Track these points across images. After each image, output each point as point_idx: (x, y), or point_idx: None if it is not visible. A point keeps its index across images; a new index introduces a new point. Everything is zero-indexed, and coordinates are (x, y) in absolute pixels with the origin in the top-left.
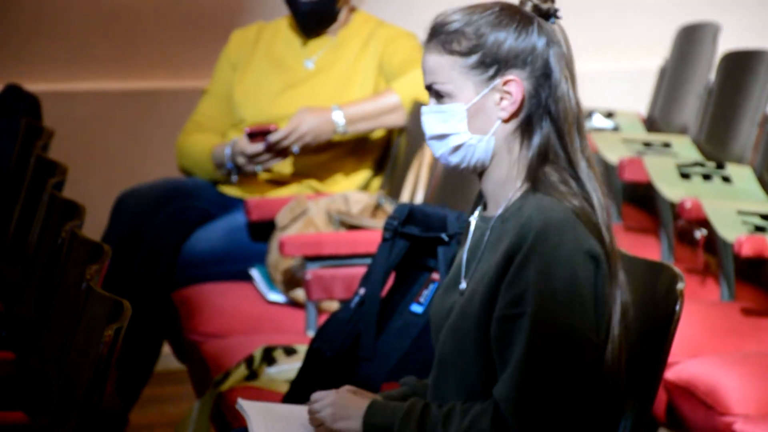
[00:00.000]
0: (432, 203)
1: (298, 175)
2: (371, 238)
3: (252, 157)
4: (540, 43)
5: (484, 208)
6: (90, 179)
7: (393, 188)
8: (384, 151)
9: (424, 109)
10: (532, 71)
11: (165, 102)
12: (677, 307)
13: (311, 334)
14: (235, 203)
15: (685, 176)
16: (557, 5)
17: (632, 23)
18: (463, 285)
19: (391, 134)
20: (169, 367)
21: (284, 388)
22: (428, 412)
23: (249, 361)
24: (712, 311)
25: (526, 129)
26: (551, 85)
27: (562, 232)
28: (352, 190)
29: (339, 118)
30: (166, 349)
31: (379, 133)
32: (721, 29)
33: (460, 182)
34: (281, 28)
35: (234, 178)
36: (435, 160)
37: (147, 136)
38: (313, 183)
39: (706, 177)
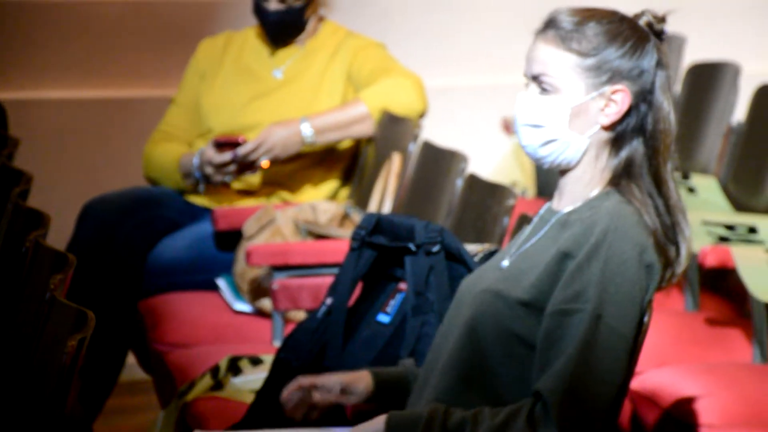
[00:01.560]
0: (400, 213)
1: (265, 185)
2: (338, 248)
3: (219, 167)
4: (652, 62)
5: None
6: (56, 188)
7: (361, 198)
8: (352, 161)
9: (524, 94)
10: (639, 87)
11: (132, 111)
12: (645, 318)
13: (278, 344)
14: (203, 212)
15: None
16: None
17: None
18: (505, 263)
19: (359, 144)
20: (133, 377)
21: (249, 399)
22: (451, 415)
23: (214, 371)
24: (676, 321)
25: (618, 140)
26: (653, 104)
27: (630, 239)
28: (320, 199)
29: (307, 129)
30: (131, 359)
31: (347, 143)
32: (686, 41)
33: (428, 192)
34: (249, 37)
35: (201, 188)
36: (403, 170)
37: (114, 145)
38: (281, 193)
39: None
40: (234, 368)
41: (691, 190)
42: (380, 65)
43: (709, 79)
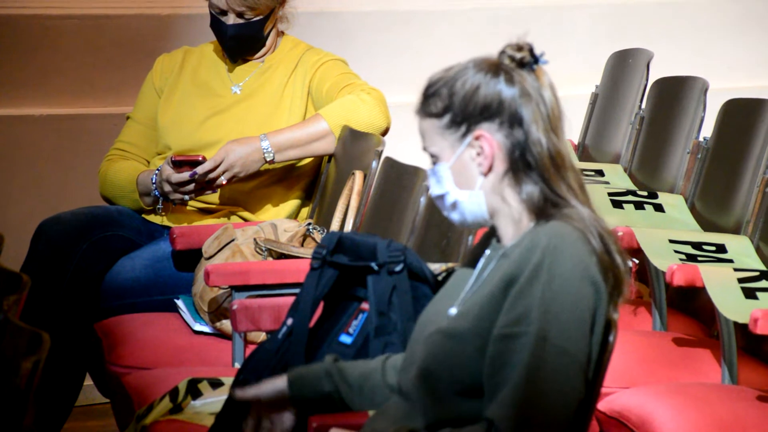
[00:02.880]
0: (362, 232)
1: (225, 204)
2: (300, 268)
3: (178, 186)
4: (508, 93)
5: (498, 240)
6: (10, 207)
7: (323, 216)
8: (313, 179)
9: (428, 171)
10: (501, 122)
11: (88, 128)
12: (611, 338)
13: (238, 366)
14: (161, 232)
15: (617, 205)
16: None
17: (567, 51)
18: (453, 310)
19: (320, 161)
20: (90, 400)
21: (209, 422)
22: None
23: (173, 393)
24: (644, 341)
25: (513, 178)
26: (524, 133)
27: (570, 257)
28: (281, 218)
29: (267, 146)
30: (88, 381)
31: (308, 161)
32: (653, 56)
33: (391, 210)
34: (207, 53)
35: (160, 206)
36: (365, 188)
37: (69, 163)
38: (241, 212)
39: (639, 206)
40: (193, 391)
41: (657, 208)
42: (341, 80)
43: (674, 94)
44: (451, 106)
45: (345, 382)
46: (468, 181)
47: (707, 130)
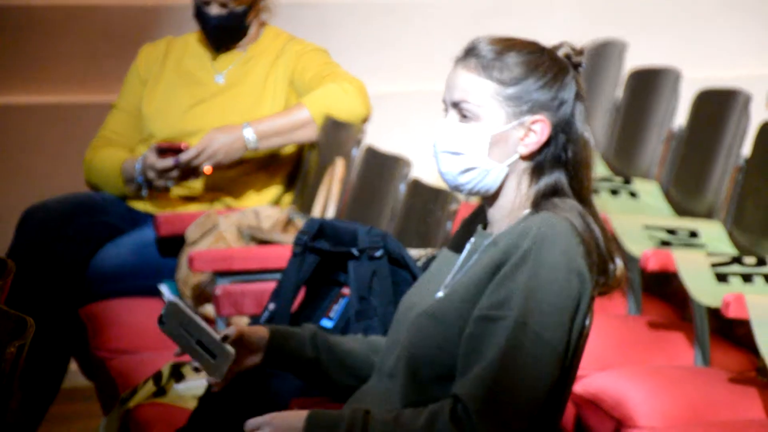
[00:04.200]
0: (343, 218)
1: (208, 191)
2: (282, 253)
3: (162, 172)
4: (571, 94)
5: (485, 227)
6: None
7: (304, 203)
8: (295, 166)
9: (445, 121)
10: (558, 118)
11: (73, 117)
12: (587, 322)
13: None
14: (145, 218)
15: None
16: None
17: (545, 41)
18: (441, 293)
19: (302, 149)
20: (75, 384)
21: (192, 405)
22: (371, 418)
23: (157, 377)
24: (619, 325)
25: (537, 169)
26: (571, 135)
27: (559, 247)
28: (263, 205)
29: (250, 134)
30: (73, 365)
31: (290, 148)
32: (628, 46)
33: (372, 197)
34: (190, 42)
35: (144, 192)
36: (346, 175)
37: (55, 151)
38: (224, 198)
39: (614, 192)
40: (177, 374)
41: (632, 194)
42: (323, 70)
43: (650, 84)
44: (522, 82)
45: (328, 351)
46: (501, 155)
47: (681, 118)
